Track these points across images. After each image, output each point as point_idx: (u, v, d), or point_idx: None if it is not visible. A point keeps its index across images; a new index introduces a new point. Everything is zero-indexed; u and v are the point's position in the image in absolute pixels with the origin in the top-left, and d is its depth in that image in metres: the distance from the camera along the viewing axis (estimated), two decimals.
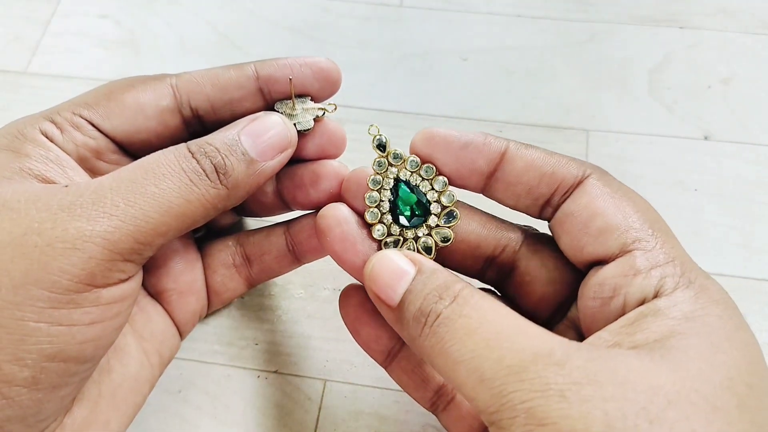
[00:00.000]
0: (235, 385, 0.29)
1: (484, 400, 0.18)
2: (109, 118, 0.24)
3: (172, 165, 0.21)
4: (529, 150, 0.23)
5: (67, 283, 0.19)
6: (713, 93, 0.37)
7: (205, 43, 0.40)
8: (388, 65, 0.38)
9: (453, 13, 0.40)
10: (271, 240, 0.28)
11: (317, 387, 0.29)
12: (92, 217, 0.20)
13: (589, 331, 0.21)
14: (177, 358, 0.29)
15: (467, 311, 0.19)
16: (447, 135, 0.23)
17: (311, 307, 0.31)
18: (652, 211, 0.22)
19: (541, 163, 0.23)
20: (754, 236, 0.32)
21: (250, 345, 0.30)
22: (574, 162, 0.23)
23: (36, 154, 0.22)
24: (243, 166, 0.22)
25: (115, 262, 0.20)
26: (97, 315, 0.20)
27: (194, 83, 0.25)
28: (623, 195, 0.22)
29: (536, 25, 0.40)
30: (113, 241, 0.20)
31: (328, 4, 0.41)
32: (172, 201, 0.21)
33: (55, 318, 0.19)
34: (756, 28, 0.39)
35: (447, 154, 0.23)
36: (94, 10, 0.41)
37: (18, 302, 0.19)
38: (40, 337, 0.19)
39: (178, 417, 0.28)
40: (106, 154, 0.25)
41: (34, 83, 0.38)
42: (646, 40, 0.39)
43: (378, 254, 0.23)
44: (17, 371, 0.19)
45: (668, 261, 0.20)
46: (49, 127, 0.23)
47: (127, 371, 0.25)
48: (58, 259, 0.19)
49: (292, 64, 0.25)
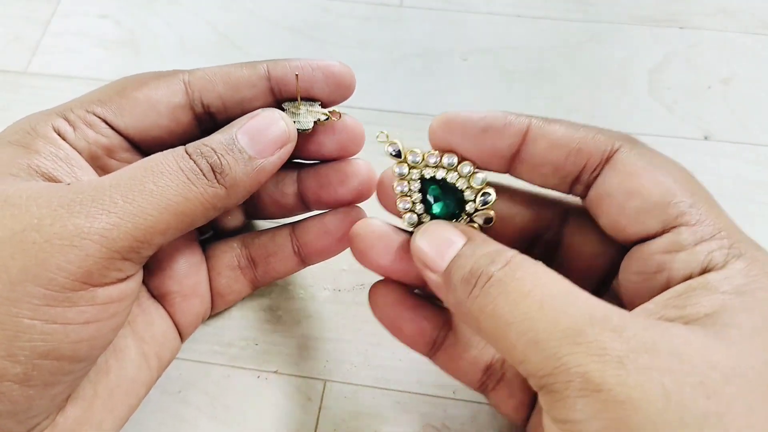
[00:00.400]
0: (234, 385, 0.29)
1: (536, 362, 0.17)
2: (122, 115, 0.24)
3: (170, 164, 0.21)
4: (553, 126, 0.22)
5: (64, 280, 0.19)
6: (713, 93, 0.37)
7: (205, 43, 0.40)
8: (388, 65, 0.38)
9: (453, 13, 0.40)
10: (276, 242, 0.28)
11: (317, 387, 0.29)
12: (91, 214, 0.20)
13: (631, 304, 0.21)
14: (177, 358, 0.29)
15: (520, 274, 0.19)
16: (465, 120, 0.22)
17: (311, 307, 0.31)
18: (692, 179, 0.21)
19: (567, 141, 0.22)
20: (754, 236, 0.32)
21: (250, 345, 0.30)
22: (601, 134, 0.22)
23: (45, 151, 0.22)
24: (241, 164, 0.22)
25: (113, 260, 0.20)
26: (93, 314, 0.20)
27: (206, 80, 0.25)
28: (658, 166, 0.21)
29: (536, 25, 0.40)
30: (111, 238, 0.20)
31: (328, 4, 0.41)
32: (170, 198, 0.21)
33: (50, 316, 0.19)
34: (756, 28, 0.39)
35: (466, 139, 0.23)
36: (94, 10, 0.41)
37: (14, 299, 0.19)
38: (34, 335, 0.19)
39: (178, 417, 0.28)
40: (118, 152, 0.25)
41: (34, 83, 0.38)
42: (646, 40, 0.39)
43: (428, 224, 0.23)
44: (9, 367, 0.19)
45: (714, 234, 0.19)
46: (62, 123, 0.23)
47: (125, 373, 0.25)
48: (55, 255, 0.19)
49: (304, 66, 0.25)
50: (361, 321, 0.30)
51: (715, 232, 0.19)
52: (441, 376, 0.29)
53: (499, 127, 0.22)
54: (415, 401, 0.29)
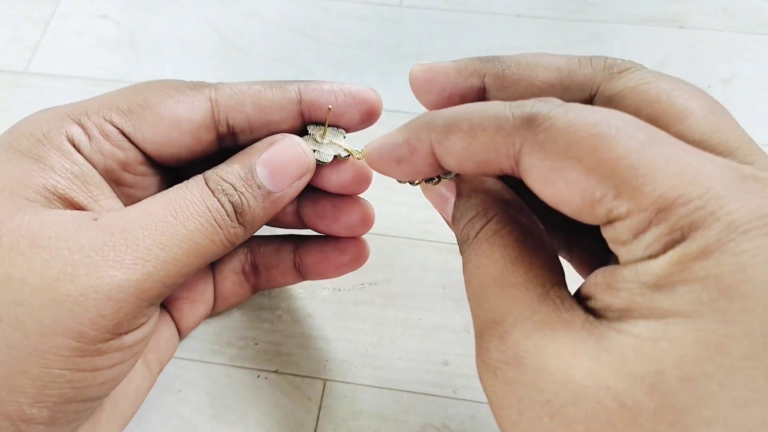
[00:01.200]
0: (234, 384, 0.29)
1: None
2: (142, 130, 0.23)
3: (198, 204, 0.21)
4: (452, 138, 0.19)
5: (95, 333, 0.19)
6: (713, 93, 0.37)
7: (205, 43, 0.40)
8: (388, 65, 0.38)
9: (453, 13, 0.40)
10: (280, 255, 0.28)
11: (317, 387, 0.29)
12: (126, 264, 0.19)
13: None
14: (177, 358, 0.29)
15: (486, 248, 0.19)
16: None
17: (311, 307, 0.31)
18: (612, 144, 0.16)
19: (474, 150, 0.18)
20: None
21: (250, 345, 0.30)
22: (504, 131, 0.17)
23: (60, 167, 0.21)
24: (259, 200, 0.22)
25: (141, 309, 0.20)
26: (119, 358, 0.21)
27: (235, 100, 0.23)
28: (566, 159, 0.16)
29: (536, 25, 0.40)
30: (145, 289, 0.20)
31: (328, 4, 0.41)
32: (198, 242, 0.21)
33: (80, 365, 0.19)
34: (756, 28, 0.39)
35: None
36: (93, 10, 0.41)
37: (44, 350, 0.19)
38: (63, 383, 0.19)
39: (178, 417, 0.28)
40: (134, 166, 0.23)
41: (34, 83, 0.38)
42: (647, 40, 0.39)
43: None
44: (37, 413, 0.19)
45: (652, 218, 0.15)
46: (77, 131, 0.22)
47: (130, 385, 0.25)
48: (90, 310, 0.19)
49: (337, 92, 0.24)
50: (361, 321, 0.30)
51: (652, 217, 0.15)
52: (441, 376, 0.29)
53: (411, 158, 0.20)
54: (415, 401, 0.28)
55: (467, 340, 0.30)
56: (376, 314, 0.31)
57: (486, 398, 0.17)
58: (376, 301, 0.31)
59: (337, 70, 0.38)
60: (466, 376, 0.29)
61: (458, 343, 0.30)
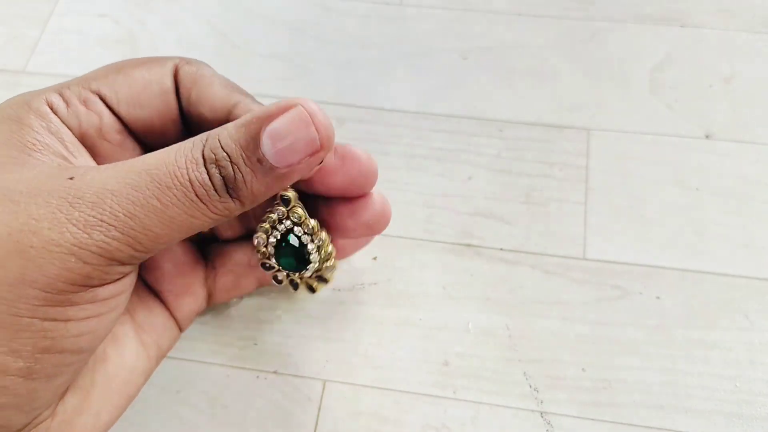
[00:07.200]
0: (234, 385, 0.29)
1: None
2: (116, 91, 0.24)
3: (179, 176, 0.20)
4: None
5: (63, 285, 0.19)
6: (715, 92, 0.37)
7: (204, 42, 0.39)
8: (388, 64, 0.38)
9: (453, 11, 0.40)
10: None
11: (317, 387, 0.29)
12: (89, 224, 0.19)
13: None
14: (176, 358, 0.29)
15: None
16: None
17: (311, 307, 0.31)
18: None
19: None
20: (755, 235, 0.32)
21: (249, 345, 0.30)
22: None
23: (38, 126, 0.22)
24: (259, 175, 0.20)
25: (112, 266, 0.20)
26: (93, 311, 0.20)
27: (189, 80, 0.25)
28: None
29: (537, 24, 0.39)
30: (110, 250, 0.20)
31: (328, 3, 0.41)
32: (174, 216, 0.20)
33: (50, 314, 0.19)
34: (758, 27, 0.39)
35: None
36: (92, 9, 0.41)
37: (12, 299, 0.19)
38: (35, 332, 0.19)
39: (177, 417, 0.28)
40: (110, 133, 0.24)
41: (32, 82, 0.38)
42: (648, 39, 0.39)
43: None
44: (11, 362, 0.19)
45: None
46: (56, 99, 0.23)
47: (123, 361, 0.25)
48: (53, 263, 0.19)
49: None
50: (361, 321, 0.30)
51: None
52: (441, 376, 0.29)
53: None
54: (415, 401, 0.28)
55: (467, 340, 0.30)
56: (376, 314, 0.31)
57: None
58: (376, 301, 0.31)
59: (338, 69, 0.38)
60: (466, 376, 0.29)
61: (458, 343, 0.30)
